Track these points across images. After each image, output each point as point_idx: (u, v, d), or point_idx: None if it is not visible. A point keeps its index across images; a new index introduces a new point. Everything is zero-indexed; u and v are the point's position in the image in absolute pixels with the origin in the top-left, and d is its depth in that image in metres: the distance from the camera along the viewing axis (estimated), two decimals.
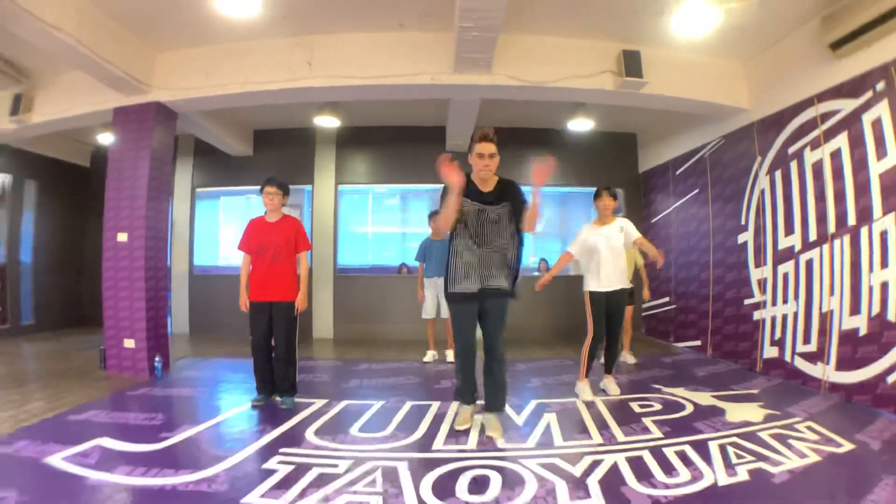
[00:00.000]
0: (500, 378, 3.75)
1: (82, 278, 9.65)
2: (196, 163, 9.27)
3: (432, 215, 6.60)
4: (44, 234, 9.12)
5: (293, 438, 3.64)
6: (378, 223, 10.10)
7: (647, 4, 5.07)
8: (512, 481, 2.94)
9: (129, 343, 5.67)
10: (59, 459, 3.17)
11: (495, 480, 2.94)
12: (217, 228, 9.95)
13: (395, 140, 9.00)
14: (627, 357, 6.51)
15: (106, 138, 8.12)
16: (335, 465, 3.14)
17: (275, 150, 9.15)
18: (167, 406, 4.56)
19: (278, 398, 4.50)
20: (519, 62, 5.68)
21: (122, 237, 5.77)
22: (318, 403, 4.51)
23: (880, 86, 4.48)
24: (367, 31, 5.63)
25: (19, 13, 4.14)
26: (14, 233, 8.63)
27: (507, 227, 3.69)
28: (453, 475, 3.01)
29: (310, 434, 3.73)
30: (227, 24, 5.13)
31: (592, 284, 4.84)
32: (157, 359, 5.61)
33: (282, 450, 3.39)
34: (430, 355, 6.59)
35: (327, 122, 7.75)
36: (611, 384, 4.98)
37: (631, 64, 5.64)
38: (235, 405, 4.51)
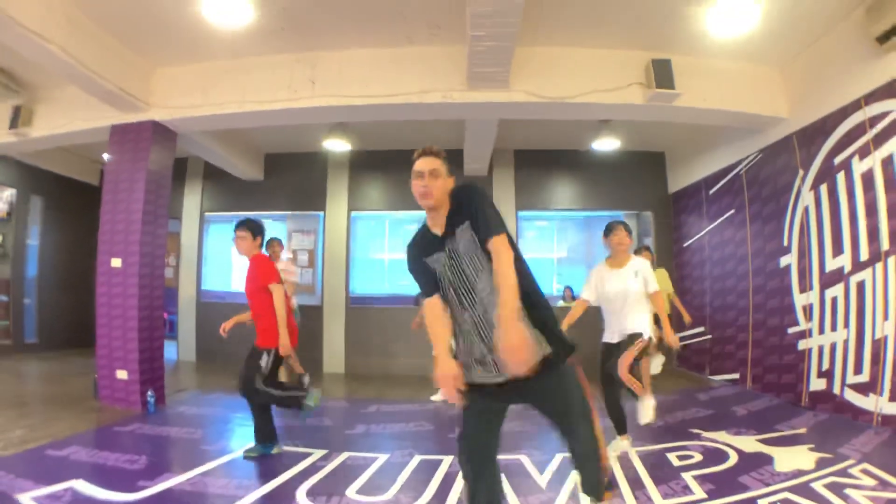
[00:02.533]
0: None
1: (89, 299, 9.41)
2: (206, 186, 9.10)
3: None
4: (49, 251, 9.05)
5: (281, 499, 3.24)
6: (395, 249, 9.79)
7: (676, 6, 4.66)
8: None
9: (121, 374, 5.41)
10: (28, 499, 3.02)
11: None
12: (229, 254, 9.69)
13: (410, 165, 8.63)
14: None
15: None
16: None
17: (286, 174, 8.93)
18: (153, 447, 4.29)
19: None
20: (538, 76, 5.32)
21: (116, 263, 5.54)
22: (316, 455, 4.05)
23: None
24: (373, 46, 5.37)
25: (1, 18, 3.95)
26: (19, 249, 8.55)
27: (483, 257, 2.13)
28: None
29: (301, 495, 3.29)
30: (225, 38, 4.94)
31: (605, 334, 4.18)
32: (150, 393, 5.33)
33: None
34: (440, 394, 6.13)
35: (337, 145, 7.46)
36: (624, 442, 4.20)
37: (662, 74, 5.21)
38: (225, 452, 4.13)
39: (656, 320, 4.33)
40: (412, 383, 6.99)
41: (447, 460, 3.90)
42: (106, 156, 7.92)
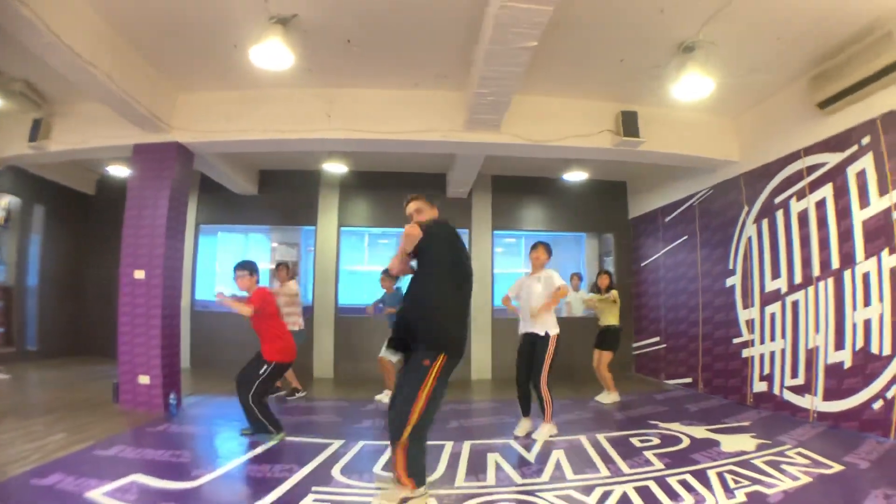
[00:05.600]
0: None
1: (86, 307, 9.68)
2: (201, 198, 9.45)
3: (384, 273, 6.91)
4: (49, 259, 9.15)
5: (322, 477, 3.78)
6: (374, 262, 10.31)
7: (644, 70, 5.52)
8: None
9: (143, 379, 5.74)
10: (100, 495, 3.26)
11: None
12: (214, 263, 10.09)
13: (397, 185, 9.21)
14: (603, 398, 6.67)
15: (115, 169, 8.32)
16: (368, 503, 3.31)
17: (279, 190, 9.41)
18: (190, 443, 4.69)
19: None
20: (525, 122, 6.08)
21: (140, 274, 5.85)
22: (335, 444, 4.63)
23: (866, 140, 4.93)
24: (384, 87, 5.99)
25: (59, 45, 4.24)
26: (22, 256, 8.67)
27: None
28: None
29: (336, 473, 3.89)
30: (252, 71, 5.29)
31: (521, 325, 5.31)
32: (172, 396, 5.70)
33: (314, 488, 3.55)
34: (385, 394, 6.72)
35: (336, 167, 8.09)
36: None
37: (629, 124, 6.09)
38: (258, 444, 4.61)
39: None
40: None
41: (449, 445, 4.58)
42: (111, 168, 8.34)
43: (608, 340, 6.73)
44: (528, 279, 5.31)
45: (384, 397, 6.67)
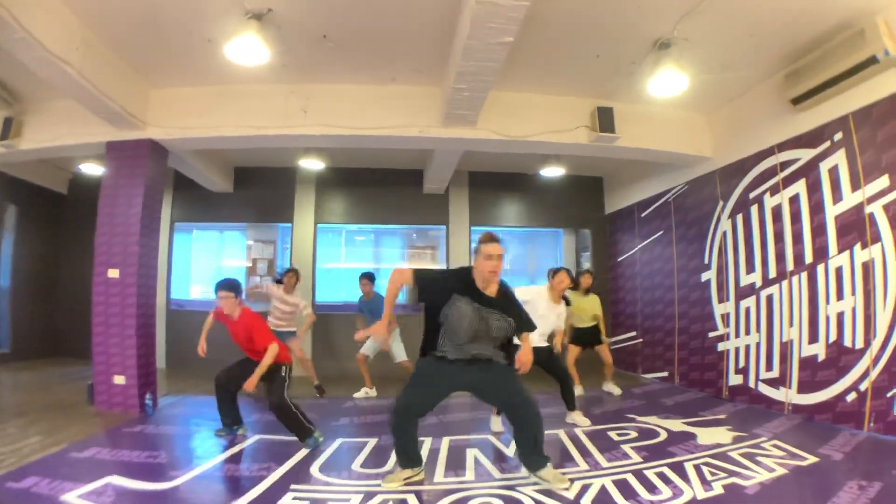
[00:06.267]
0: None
1: (57, 308, 9.50)
2: (176, 196, 9.32)
3: (363, 277, 6.94)
4: (21, 260, 8.97)
5: (300, 475, 3.76)
6: (350, 259, 10.25)
7: (620, 66, 5.57)
8: None
9: (119, 379, 5.65)
10: (75, 497, 3.21)
11: None
12: (189, 262, 9.96)
13: (374, 182, 9.37)
14: (612, 388, 6.92)
15: (88, 167, 8.15)
16: (348, 500, 3.31)
17: (255, 187, 9.34)
18: (167, 444, 4.62)
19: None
20: (502, 118, 6.11)
21: (114, 273, 5.76)
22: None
23: (838, 136, 5.02)
24: (361, 83, 5.96)
25: (30, 41, 4.15)
26: None
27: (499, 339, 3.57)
28: None
29: (315, 471, 3.87)
30: (226, 66, 5.20)
31: None
32: (148, 396, 5.63)
33: (293, 486, 3.53)
34: (363, 391, 6.83)
35: (312, 164, 8.03)
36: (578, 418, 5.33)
37: (605, 119, 6.14)
38: (235, 443, 4.59)
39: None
40: (377, 384, 7.52)
41: (428, 441, 4.56)
42: (83, 167, 8.17)
43: (595, 337, 6.94)
44: (548, 303, 5.19)
45: (362, 395, 6.71)
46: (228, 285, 4.63)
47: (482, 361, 3.48)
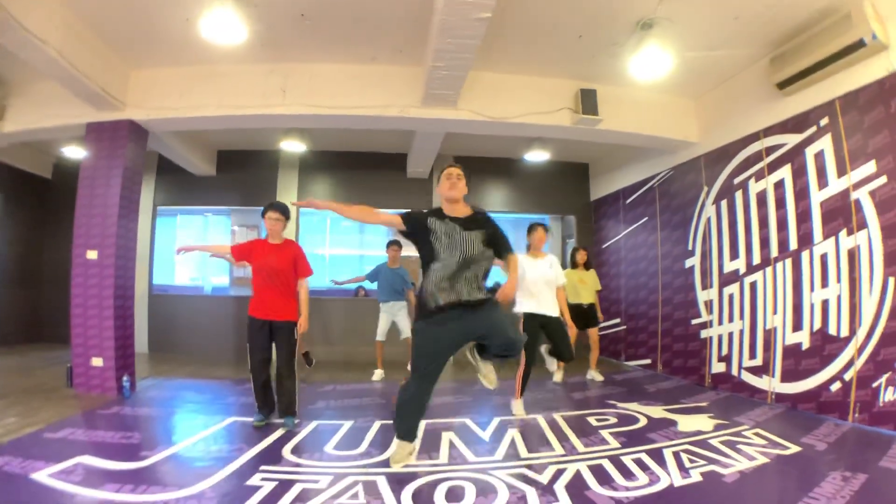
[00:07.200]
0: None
1: (41, 294, 9.41)
2: (158, 180, 9.23)
3: (390, 244, 6.99)
4: (4, 245, 8.90)
5: (271, 456, 3.74)
6: (335, 245, 10.17)
7: (603, 47, 5.49)
8: (485, 490, 3.16)
9: (97, 361, 5.63)
10: (45, 476, 3.21)
11: (470, 490, 3.16)
12: (173, 247, 9.83)
13: (357, 165, 9.29)
14: (595, 375, 6.91)
15: (72, 151, 8.08)
16: (317, 481, 3.27)
17: (238, 171, 9.24)
18: (141, 425, 4.59)
19: (279, 419, 4.58)
20: (483, 98, 6.05)
21: (92, 254, 5.73)
22: (288, 425, 4.58)
23: (824, 121, 4.97)
24: (340, 62, 5.88)
25: (9, 22, 4.11)
26: None
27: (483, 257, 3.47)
28: (431, 487, 3.22)
29: (287, 452, 3.84)
30: (205, 46, 5.18)
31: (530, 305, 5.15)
32: (125, 378, 5.59)
33: (262, 467, 3.50)
34: (378, 374, 6.88)
35: (294, 146, 7.95)
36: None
37: (587, 102, 6.07)
38: (209, 425, 4.55)
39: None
40: (359, 368, 7.42)
41: None
42: (67, 150, 8.09)
43: (593, 317, 7.00)
44: (531, 261, 5.18)
45: (378, 377, 6.84)
46: (282, 208, 4.59)
47: (474, 304, 3.39)
